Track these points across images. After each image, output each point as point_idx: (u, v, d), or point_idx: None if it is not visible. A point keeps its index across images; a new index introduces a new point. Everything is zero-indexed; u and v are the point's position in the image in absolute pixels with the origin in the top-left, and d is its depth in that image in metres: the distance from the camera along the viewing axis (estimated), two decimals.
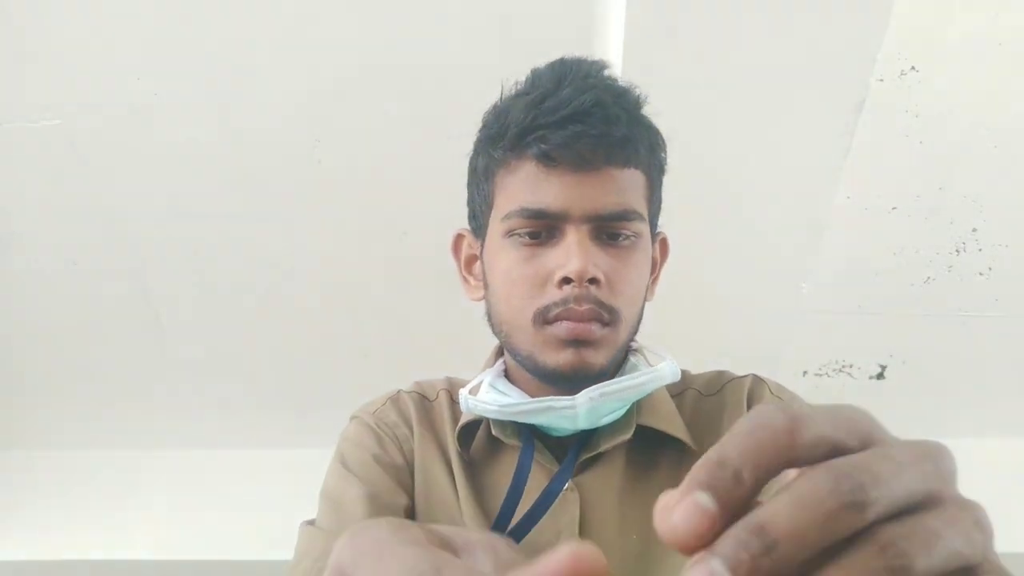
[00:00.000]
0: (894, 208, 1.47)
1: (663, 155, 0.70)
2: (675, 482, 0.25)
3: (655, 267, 0.73)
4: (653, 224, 0.70)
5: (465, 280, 0.75)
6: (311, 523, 0.67)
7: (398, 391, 0.77)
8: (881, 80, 1.29)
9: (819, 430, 0.23)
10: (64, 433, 1.88)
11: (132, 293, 1.62)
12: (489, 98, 0.68)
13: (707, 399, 0.72)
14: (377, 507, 0.64)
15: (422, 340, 1.67)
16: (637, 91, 0.68)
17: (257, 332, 1.68)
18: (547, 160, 0.62)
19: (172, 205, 1.49)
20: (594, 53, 1.25)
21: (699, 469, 0.23)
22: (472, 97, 0.69)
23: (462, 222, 0.74)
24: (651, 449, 0.67)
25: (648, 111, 0.68)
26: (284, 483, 1.80)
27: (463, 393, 0.68)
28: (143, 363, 1.74)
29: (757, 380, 0.72)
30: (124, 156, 1.42)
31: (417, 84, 1.33)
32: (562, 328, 0.61)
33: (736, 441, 0.23)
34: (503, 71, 0.67)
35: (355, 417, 0.75)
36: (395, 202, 1.48)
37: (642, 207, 0.65)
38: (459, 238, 0.75)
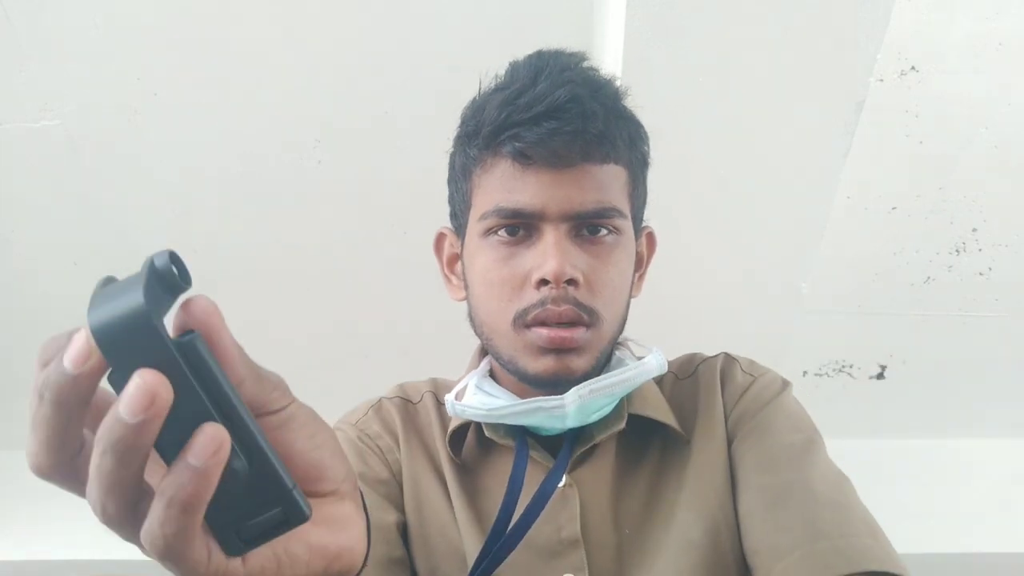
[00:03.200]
0: (894, 208, 1.47)
1: (645, 148, 0.68)
2: (663, 468, 0.28)
3: (641, 263, 0.72)
4: (638, 219, 0.69)
5: (447, 279, 0.74)
6: None
7: (380, 399, 0.76)
8: (881, 80, 1.30)
9: None
10: None
11: None
12: None
13: (682, 382, 0.72)
14: None
15: (422, 340, 1.67)
16: (618, 83, 0.66)
17: (256, 332, 1.68)
18: (522, 158, 0.60)
19: (172, 205, 1.49)
20: (594, 53, 1.25)
21: None
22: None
23: None
24: (640, 437, 0.67)
25: (630, 103, 0.66)
26: None
27: (449, 399, 0.66)
28: None
29: (728, 358, 0.73)
30: (124, 156, 1.42)
31: (417, 84, 1.33)
32: (542, 336, 0.60)
33: None
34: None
35: (337, 428, 0.73)
36: (395, 202, 1.47)
37: (623, 203, 0.64)
38: (441, 237, 0.75)
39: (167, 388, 0.27)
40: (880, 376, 1.74)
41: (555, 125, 0.59)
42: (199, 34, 1.29)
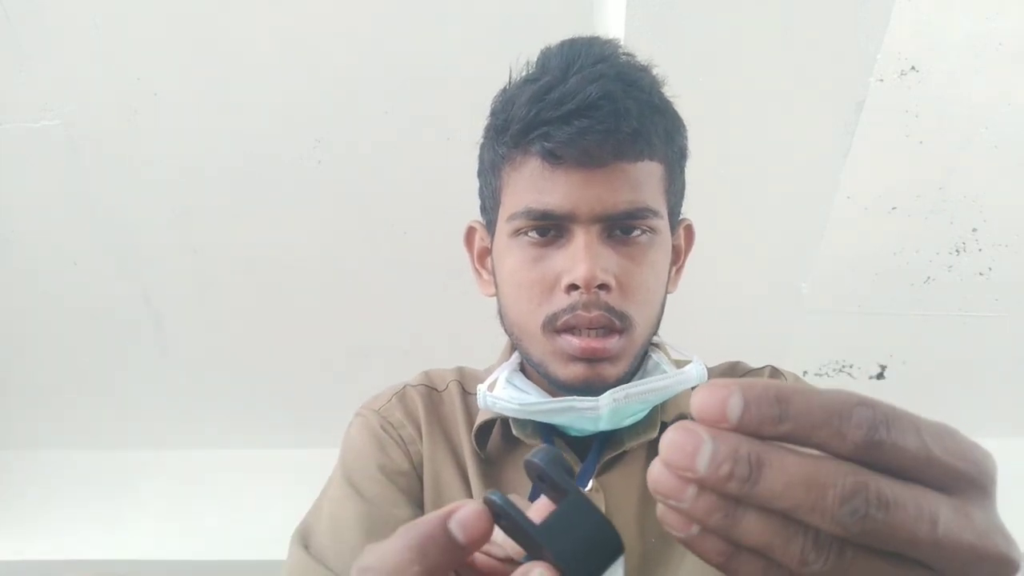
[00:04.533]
0: (894, 208, 1.46)
1: (683, 140, 0.66)
2: None
3: (679, 256, 0.71)
4: (675, 214, 0.67)
5: (478, 273, 0.72)
6: (305, 543, 0.63)
7: (404, 386, 0.74)
8: (881, 80, 1.29)
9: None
10: (64, 433, 1.88)
11: (132, 293, 1.62)
12: (489, 98, 0.66)
13: None
14: (376, 525, 0.62)
15: (422, 339, 1.67)
16: (655, 72, 0.63)
17: (257, 332, 1.68)
18: (552, 158, 0.58)
19: (172, 205, 1.49)
20: None
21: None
22: (472, 97, 0.68)
23: (462, 222, 0.73)
24: None
25: (667, 92, 0.64)
26: (284, 483, 1.80)
27: (482, 389, 0.64)
28: (143, 363, 1.74)
29: (774, 372, 0.70)
30: (124, 156, 1.42)
31: (417, 84, 1.33)
32: (573, 344, 0.58)
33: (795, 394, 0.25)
34: (503, 71, 0.66)
35: (359, 414, 0.72)
36: (395, 202, 1.47)
37: (658, 201, 0.62)
38: (471, 231, 0.72)
39: None
40: (880, 376, 1.74)
41: (586, 124, 0.56)
42: (199, 34, 1.29)
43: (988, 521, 0.26)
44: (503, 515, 0.26)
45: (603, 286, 0.58)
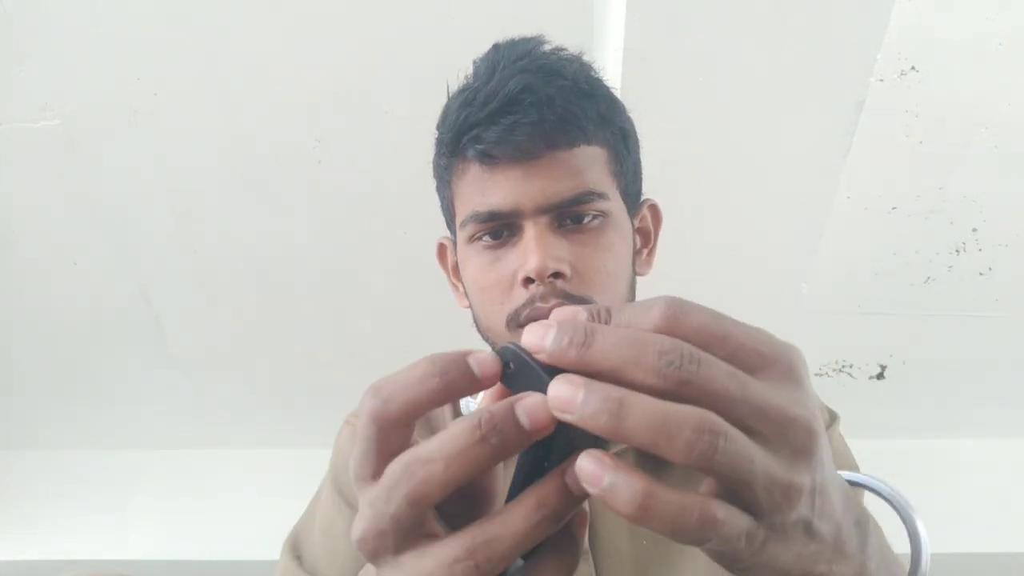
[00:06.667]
0: (894, 208, 1.46)
1: (622, 121, 0.66)
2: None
3: (648, 238, 0.71)
4: (631, 195, 0.67)
5: (455, 288, 0.73)
6: (298, 554, 0.63)
7: None
8: (881, 80, 1.29)
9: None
10: (64, 433, 1.88)
11: (132, 293, 1.62)
12: None
13: None
14: None
15: (423, 340, 1.67)
16: (582, 60, 0.64)
17: (257, 332, 1.68)
18: (487, 159, 0.59)
19: (172, 205, 1.49)
20: (593, 54, 1.25)
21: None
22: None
23: None
24: None
25: (601, 76, 0.64)
26: (284, 483, 1.79)
27: (465, 400, 0.65)
28: (143, 363, 1.74)
29: None
30: (124, 156, 1.42)
31: (417, 84, 1.33)
32: None
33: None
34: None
35: (348, 423, 0.73)
36: (395, 202, 1.47)
37: (604, 183, 0.62)
38: (441, 248, 0.74)
39: None
40: (880, 376, 1.74)
41: (512, 119, 0.57)
42: (199, 34, 1.29)
43: (796, 394, 0.29)
44: (514, 360, 0.29)
45: (558, 275, 0.58)
